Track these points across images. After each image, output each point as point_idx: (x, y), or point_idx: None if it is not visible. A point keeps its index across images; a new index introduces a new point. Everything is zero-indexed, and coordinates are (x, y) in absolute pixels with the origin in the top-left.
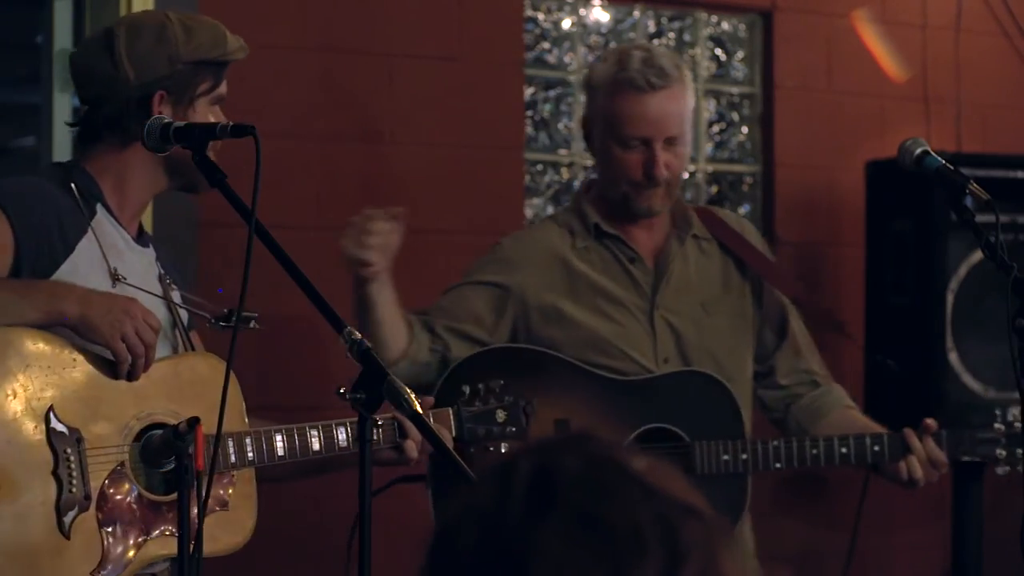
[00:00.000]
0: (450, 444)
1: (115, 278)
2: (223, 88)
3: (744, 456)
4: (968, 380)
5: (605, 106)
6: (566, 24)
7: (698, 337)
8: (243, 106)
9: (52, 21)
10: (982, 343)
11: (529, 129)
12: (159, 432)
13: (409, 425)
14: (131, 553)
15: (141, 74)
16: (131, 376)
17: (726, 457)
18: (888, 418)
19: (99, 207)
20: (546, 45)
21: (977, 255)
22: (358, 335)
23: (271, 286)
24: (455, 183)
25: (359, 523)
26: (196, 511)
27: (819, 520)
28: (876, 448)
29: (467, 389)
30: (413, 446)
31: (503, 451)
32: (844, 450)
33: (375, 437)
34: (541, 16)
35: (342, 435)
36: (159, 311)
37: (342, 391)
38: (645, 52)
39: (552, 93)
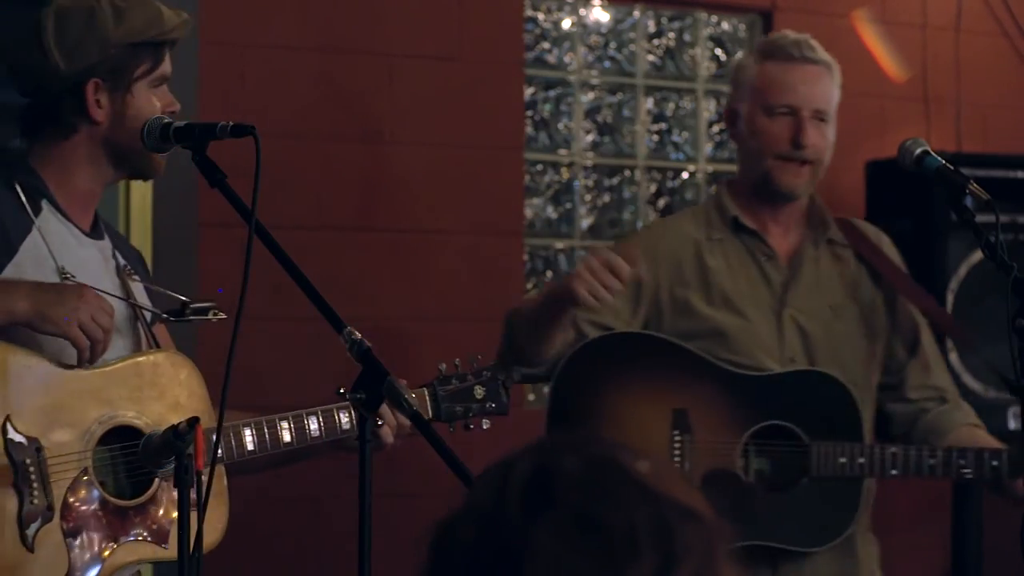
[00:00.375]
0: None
1: (63, 276)
2: (164, 68)
3: (861, 460)
4: (968, 380)
5: (753, 78)
6: (566, 24)
7: (825, 339)
8: (243, 106)
9: None
10: (982, 343)
11: (529, 129)
12: (158, 432)
13: (384, 410)
14: (99, 562)
15: (71, 62)
16: (90, 360)
17: (843, 460)
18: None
19: (45, 203)
20: (546, 45)
21: (977, 255)
22: (358, 335)
23: (271, 286)
24: (455, 183)
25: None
26: (162, 512)
27: None
28: (994, 463)
29: (443, 367)
30: (388, 431)
31: (485, 428)
32: (962, 462)
33: (347, 427)
34: (541, 16)
35: (314, 425)
36: (116, 305)
37: (342, 391)
38: (797, 34)
39: (552, 93)
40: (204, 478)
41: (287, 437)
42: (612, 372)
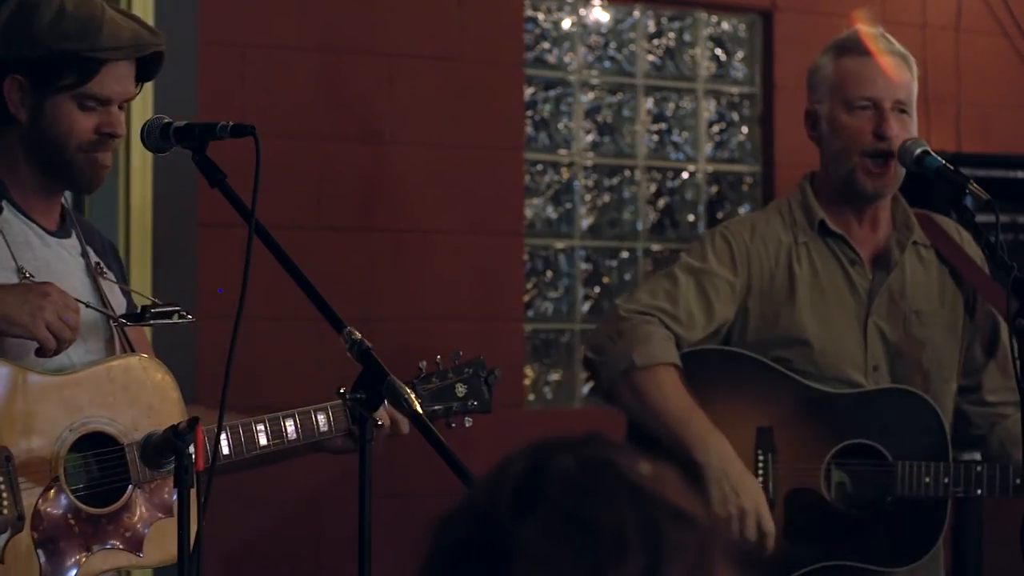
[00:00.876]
0: (406, 427)
1: (23, 276)
2: (99, 88)
3: (946, 480)
4: None
5: (832, 74)
6: (566, 24)
7: (909, 347)
8: (243, 106)
9: None
10: None
11: (529, 129)
12: (158, 431)
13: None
14: (72, 572)
15: (5, 51)
16: (56, 353)
17: (928, 479)
18: None
19: (5, 203)
20: (546, 45)
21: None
22: (358, 335)
23: (271, 286)
24: (455, 183)
25: None
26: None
27: None
28: None
29: (423, 365)
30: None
31: (467, 425)
32: None
33: (324, 429)
34: (541, 16)
35: (290, 427)
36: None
37: (342, 391)
38: (871, 28)
39: (552, 93)
40: (170, 484)
41: (263, 440)
42: (695, 389)
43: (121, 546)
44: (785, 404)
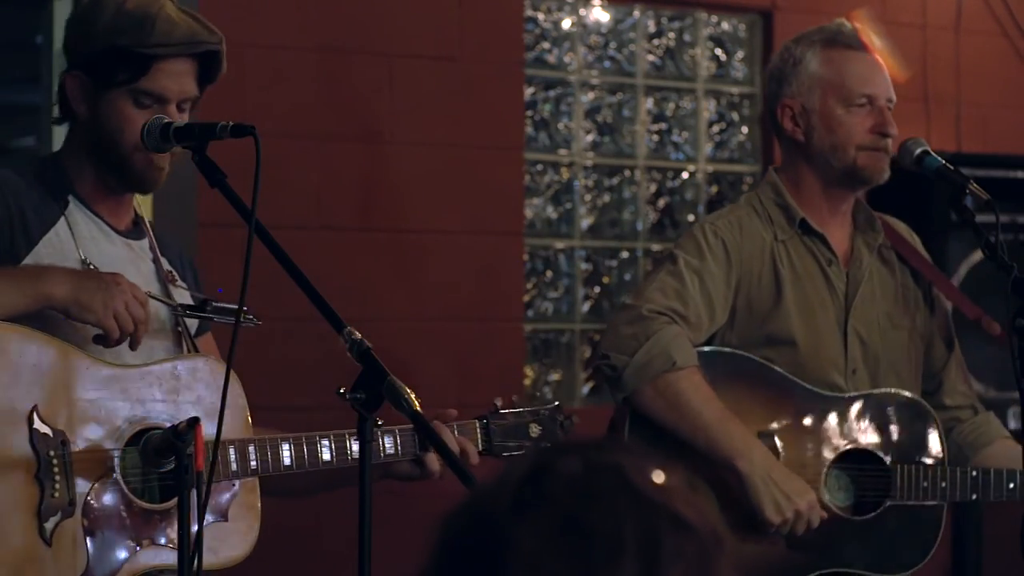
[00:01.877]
0: (474, 458)
1: (86, 267)
2: (150, 84)
3: (943, 484)
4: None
5: (823, 69)
6: (566, 24)
7: (884, 349)
8: (243, 106)
9: (52, 21)
10: (982, 343)
11: (529, 129)
12: (158, 431)
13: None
14: (119, 564)
15: (69, 48)
16: (132, 345)
17: (925, 484)
18: None
19: (71, 198)
20: (546, 45)
21: (977, 255)
22: (358, 335)
23: (271, 286)
24: (455, 183)
25: None
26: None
27: None
28: None
29: (498, 401)
30: (435, 458)
31: None
32: None
33: (391, 451)
34: (541, 16)
35: (356, 446)
36: (157, 308)
37: (342, 391)
38: (846, 22)
39: (552, 93)
40: (228, 489)
41: (327, 455)
42: None
43: (172, 545)
44: (785, 408)
